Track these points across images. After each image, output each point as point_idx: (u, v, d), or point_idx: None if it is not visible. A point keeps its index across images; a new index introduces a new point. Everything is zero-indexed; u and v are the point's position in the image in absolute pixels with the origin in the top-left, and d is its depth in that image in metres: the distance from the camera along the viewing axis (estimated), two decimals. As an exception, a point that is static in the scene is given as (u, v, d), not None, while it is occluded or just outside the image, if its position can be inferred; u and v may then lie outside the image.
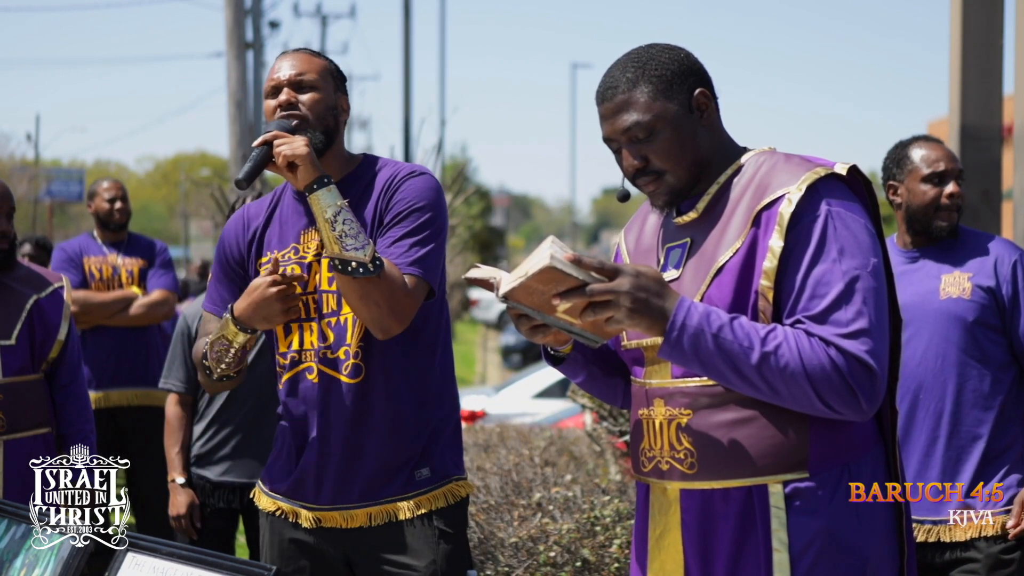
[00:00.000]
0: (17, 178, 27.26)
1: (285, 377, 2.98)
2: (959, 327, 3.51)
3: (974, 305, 3.51)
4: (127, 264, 6.11)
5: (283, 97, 2.90)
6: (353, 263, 2.73)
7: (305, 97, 2.91)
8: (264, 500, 3.06)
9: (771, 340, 2.25)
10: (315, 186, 2.77)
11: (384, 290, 2.76)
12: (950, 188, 3.63)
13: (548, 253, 2.18)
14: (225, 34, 15.36)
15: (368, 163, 3.00)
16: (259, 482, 3.10)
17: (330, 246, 2.76)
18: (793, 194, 2.32)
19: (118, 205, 6.14)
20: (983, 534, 3.46)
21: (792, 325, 2.29)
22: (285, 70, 2.93)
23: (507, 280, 2.28)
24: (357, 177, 2.96)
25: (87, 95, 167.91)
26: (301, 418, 2.95)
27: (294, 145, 2.78)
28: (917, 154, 3.68)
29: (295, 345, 2.94)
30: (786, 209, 2.32)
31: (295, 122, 2.88)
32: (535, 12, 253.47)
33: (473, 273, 2.47)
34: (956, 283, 3.55)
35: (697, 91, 2.44)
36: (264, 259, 2.99)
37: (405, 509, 2.89)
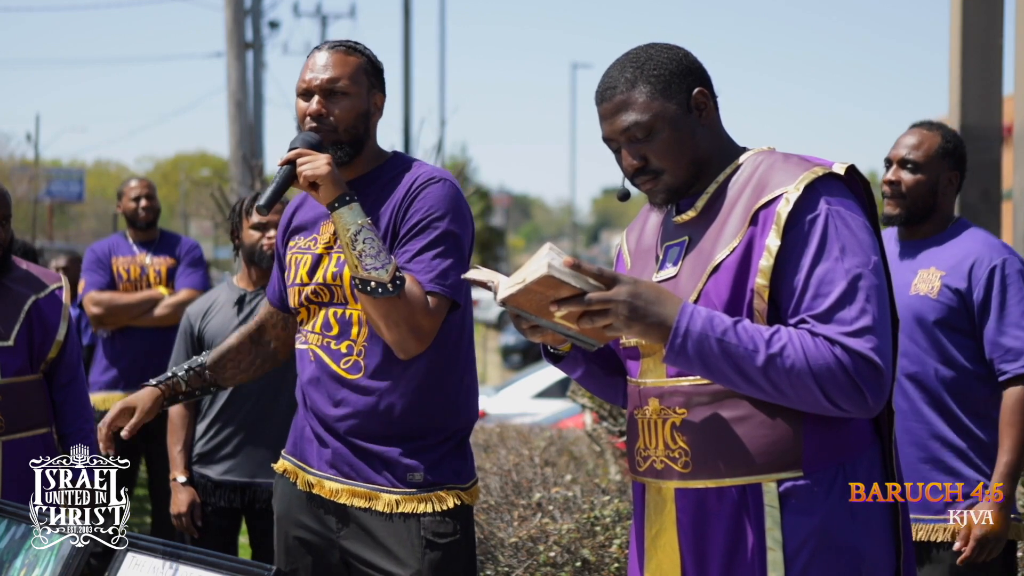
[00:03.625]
0: (17, 178, 27.25)
1: (296, 346, 3.06)
2: (920, 326, 3.43)
3: (938, 305, 3.43)
4: (155, 263, 6.10)
5: (313, 107, 2.87)
6: (373, 283, 2.73)
7: (336, 108, 2.87)
8: (280, 461, 3.11)
9: (776, 342, 2.26)
10: (336, 204, 2.77)
11: (404, 311, 2.75)
12: (887, 175, 3.58)
13: (546, 262, 2.19)
14: (225, 34, 15.33)
15: (395, 162, 2.98)
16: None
17: (351, 264, 2.76)
18: (791, 193, 2.33)
19: (143, 204, 6.14)
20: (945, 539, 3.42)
21: (796, 325, 2.30)
22: (318, 72, 2.89)
23: (505, 285, 2.29)
24: (380, 175, 2.95)
25: (87, 95, 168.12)
26: (302, 394, 3.01)
27: (315, 165, 2.76)
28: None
29: (306, 325, 2.98)
30: (783, 208, 2.32)
31: (323, 135, 2.86)
32: (535, 12, 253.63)
33: (472, 274, 2.48)
34: (927, 280, 3.47)
35: (696, 90, 2.44)
36: (292, 243, 3.05)
37: (384, 502, 2.87)
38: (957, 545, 3.39)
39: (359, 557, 2.91)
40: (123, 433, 3.06)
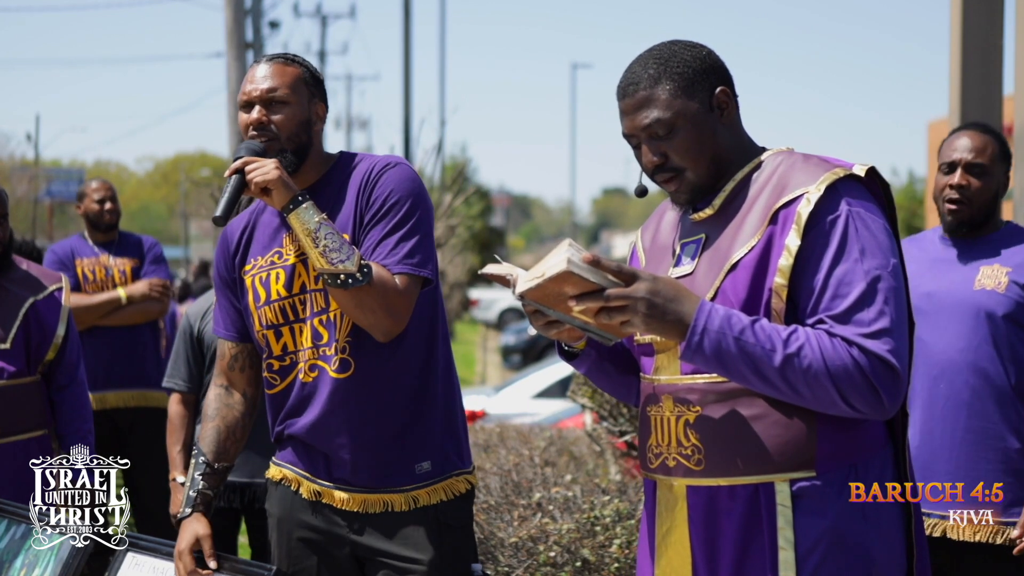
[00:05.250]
0: (17, 178, 27.25)
1: (283, 384, 2.96)
2: (988, 320, 3.41)
3: (1007, 300, 3.41)
4: (119, 264, 6.08)
5: (254, 116, 2.89)
6: (342, 276, 2.75)
7: (277, 116, 2.89)
8: (272, 469, 3.06)
9: (793, 342, 2.26)
10: (291, 206, 2.79)
11: (377, 295, 2.77)
12: (953, 178, 3.52)
13: (566, 257, 2.20)
14: (225, 34, 15.34)
15: (344, 161, 2.99)
16: (273, 458, 3.09)
17: (316, 261, 2.77)
18: (812, 194, 2.33)
19: (108, 206, 6.11)
20: (984, 539, 3.39)
21: (814, 325, 2.30)
22: (257, 83, 2.91)
23: (523, 279, 2.30)
24: (333, 177, 2.96)
25: (87, 95, 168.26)
26: (298, 415, 2.95)
27: (264, 170, 2.78)
28: (946, 142, 3.62)
29: (290, 347, 2.94)
30: (804, 209, 2.32)
31: (265, 143, 2.87)
32: (535, 12, 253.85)
33: (490, 269, 2.48)
34: (993, 276, 3.45)
35: (718, 89, 2.45)
36: (248, 266, 3.00)
37: (401, 502, 2.90)
38: (1016, 533, 3.36)
39: (374, 549, 2.91)
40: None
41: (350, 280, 2.75)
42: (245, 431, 3.09)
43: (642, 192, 2.57)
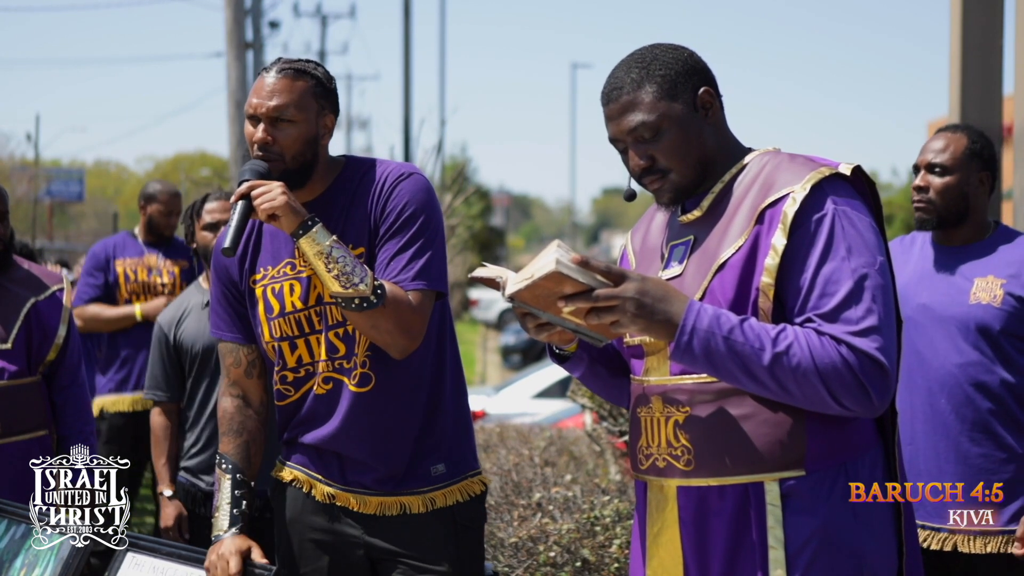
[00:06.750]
0: (17, 178, 27.21)
1: (296, 395, 2.94)
2: (985, 334, 3.39)
3: (1003, 314, 3.39)
4: (167, 265, 5.94)
5: (259, 135, 2.82)
6: (356, 299, 2.73)
7: (282, 135, 2.82)
8: (281, 469, 3.02)
9: (782, 340, 2.26)
10: (301, 232, 2.75)
11: (391, 315, 2.76)
12: (916, 181, 3.55)
13: (554, 258, 2.20)
14: (225, 34, 15.32)
15: (352, 167, 2.94)
16: (279, 458, 3.06)
17: (330, 285, 2.75)
18: (798, 193, 2.34)
19: (173, 220, 6.00)
20: (992, 550, 3.37)
21: (802, 324, 2.31)
22: (264, 98, 2.82)
23: (513, 281, 2.31)
24: (343, 184, 2.92)
25: (87, 95, 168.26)
26: (312, 427, 2.93)
27: (271, 196, 2.73)
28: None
29: (305, 359, 2.91)
30: (790, 208, 2.33)
31: (269, 164, 2.81)
32: (535, 12, 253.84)
33: (480, 272, 2.49)
34: (988, 288, 3.43)
35: (701, 90, 2.45)
36: (258, 275, 2.95)
37: (418, 504, 2.90)
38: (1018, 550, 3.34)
39: (391, 551, 2.91)
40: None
41: (364, 304, 2.73)
42: (263, 445, 3.05)
43: (631, 196, 2.57)
